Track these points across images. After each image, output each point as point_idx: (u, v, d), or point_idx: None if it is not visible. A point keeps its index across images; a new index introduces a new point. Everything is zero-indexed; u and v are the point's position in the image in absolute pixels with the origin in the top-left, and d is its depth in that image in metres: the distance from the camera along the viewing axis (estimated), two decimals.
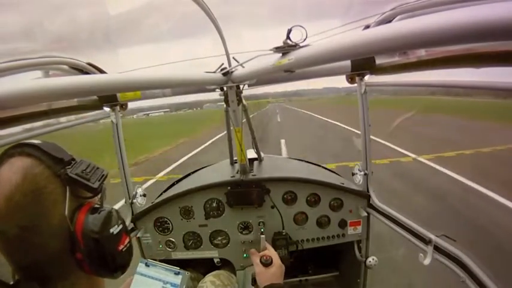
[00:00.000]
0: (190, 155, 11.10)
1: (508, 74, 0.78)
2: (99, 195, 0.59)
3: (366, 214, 1.70)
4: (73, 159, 0.57)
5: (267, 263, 1.08)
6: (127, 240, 0.61)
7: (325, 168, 2.34)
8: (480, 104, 13.55)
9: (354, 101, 1.62)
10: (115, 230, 0.58)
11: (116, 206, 0.64)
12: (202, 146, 12.76)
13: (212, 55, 1.31)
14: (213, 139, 13.82)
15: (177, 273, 0.93)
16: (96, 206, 0.58)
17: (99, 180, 0.57)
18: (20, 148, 0.54)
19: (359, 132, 1.63)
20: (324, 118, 19.35)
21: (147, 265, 0.94)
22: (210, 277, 1.47)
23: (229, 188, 1.69)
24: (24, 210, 0.49)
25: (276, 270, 1.06)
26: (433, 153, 7.27)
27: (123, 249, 0.59)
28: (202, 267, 1.87)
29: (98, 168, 0.59)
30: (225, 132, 2.13)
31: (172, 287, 0.91)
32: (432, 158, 6.95)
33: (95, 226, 0.54)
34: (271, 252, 1.15)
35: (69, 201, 0.53)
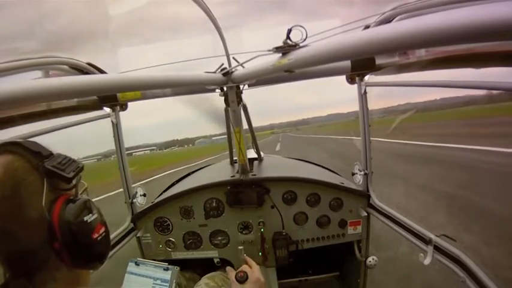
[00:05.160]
0: None
1: (508, 74, 0.78)
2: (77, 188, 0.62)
3: (365, 214, 1.70)
4: (51, 154, 0.60)
5: (241, 280, 1.07)
6: (102, 229, 0.63)
7: (325, 168, 2.34)
8: None
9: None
10: (89, 218, 0.60)
11: None
12: None
13: (212, 55, 1.31)
14: None
15: (166, 269, 0.94)
16: (72, 197, 0.61)
17: (74, 171, 0.60)
18: (3, 147, 0.57)
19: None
20: None
21: (136, 264, 0.95)
22: (204, 279, 1.47)
23: (229, 187, 1.69)
24: (5, 202, 0.52)
25: (250, 287, 1.06)
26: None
27: (98, 238, 0.61)
28: (202, 267, 1.87)
29: (74, 161, 0.62)
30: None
31: (163, 282, 0.92)
32: None
33: (70, 215, 0.57)
34: (251, 267, 1.14)
35: (46, 193, 0.55)
